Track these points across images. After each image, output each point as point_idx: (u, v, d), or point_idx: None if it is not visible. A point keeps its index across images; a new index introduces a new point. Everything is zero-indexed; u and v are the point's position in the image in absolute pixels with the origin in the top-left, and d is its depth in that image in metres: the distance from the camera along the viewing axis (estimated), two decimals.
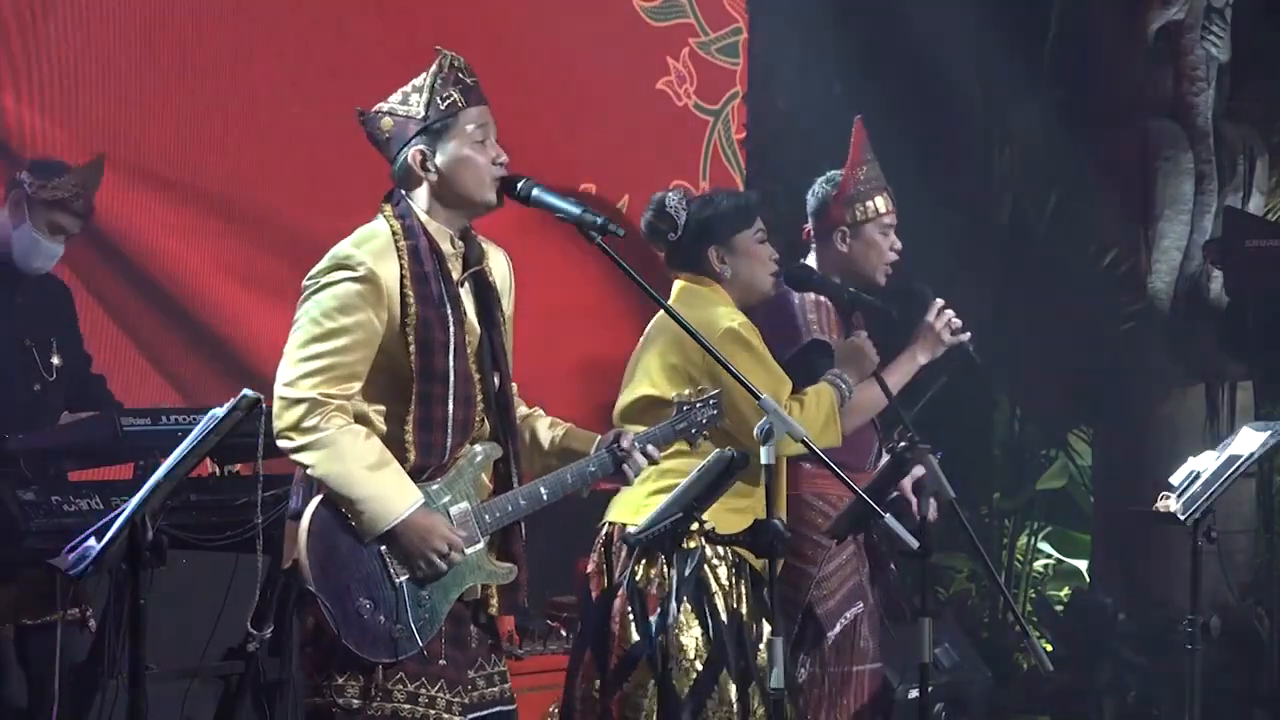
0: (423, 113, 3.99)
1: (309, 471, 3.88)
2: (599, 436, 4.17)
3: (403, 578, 3.88)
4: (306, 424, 3.84)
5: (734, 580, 4.72)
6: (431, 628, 3.91)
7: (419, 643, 3.88)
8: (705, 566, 4.66)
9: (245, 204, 6.52)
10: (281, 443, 3.89)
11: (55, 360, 5.49)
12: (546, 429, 4.21)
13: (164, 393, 6.20)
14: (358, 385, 3.90)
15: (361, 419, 3.92)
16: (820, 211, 5.37)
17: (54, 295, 5.61)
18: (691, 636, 4.67)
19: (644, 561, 4.67)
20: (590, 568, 4.81)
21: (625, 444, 4.11)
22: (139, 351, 6.26)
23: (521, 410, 4.23)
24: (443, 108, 3.98)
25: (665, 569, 4.57)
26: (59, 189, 5.34)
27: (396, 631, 3.85)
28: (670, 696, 4.57)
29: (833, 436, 4.91)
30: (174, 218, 6.33)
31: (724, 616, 4.67)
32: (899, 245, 5.36)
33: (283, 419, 3.87)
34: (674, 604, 4.46)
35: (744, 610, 4.72)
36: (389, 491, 3.86)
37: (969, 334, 5.24)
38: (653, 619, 4.57)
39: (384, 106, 4.05)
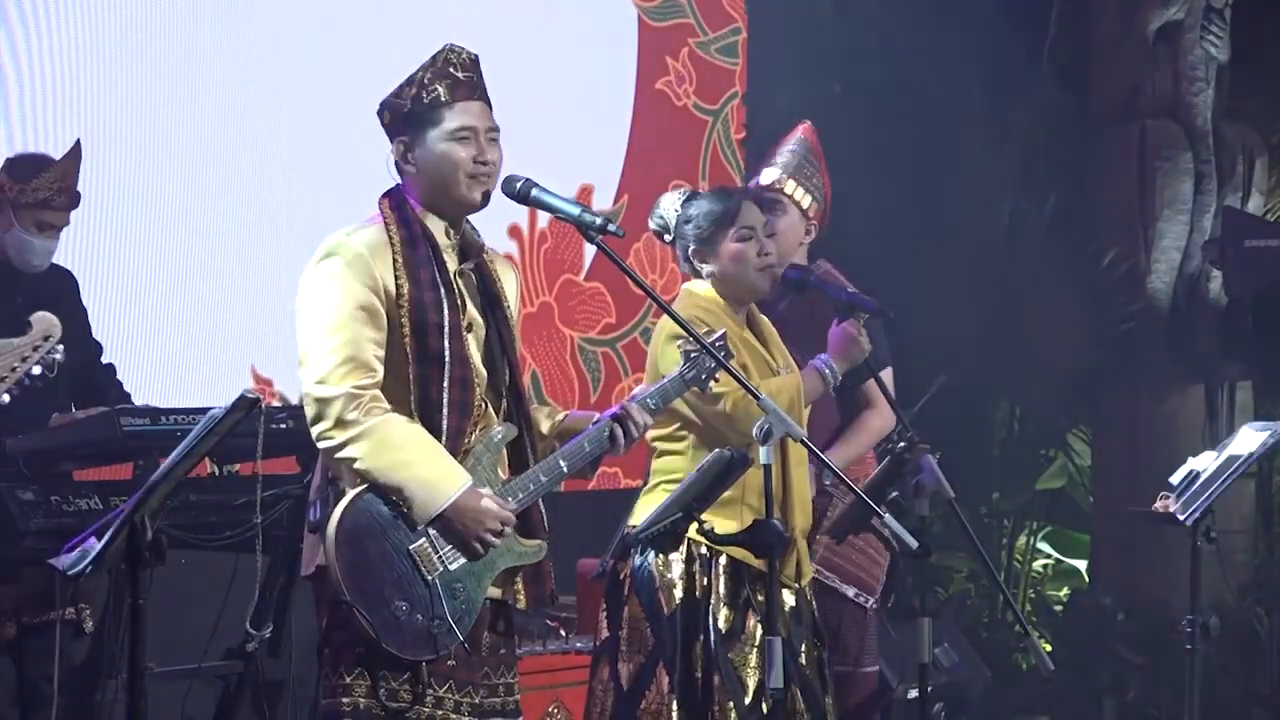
0: (407, 105, 3.98)
1: (355, 466, 3.82)
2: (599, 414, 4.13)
3: (434, 574, 3.85)
4: (346, 418, 3.81)
5: (696, 575, 4.62)
6: (470, 618, 3.88)
7: (459, 635, 3.85)
8: (656, 558, 4.63)
9: (244, 201, 6.54)
10: (323, 443, 3.85)
11: (57, 357, 5.46)
12: (545, 417, 4.18)
13: (160, 387, 6.19)
14: (381, 370, 3.87)
15: None
16: None
17: (57, 289, 5.52)
18: (641, 630, 4.66)
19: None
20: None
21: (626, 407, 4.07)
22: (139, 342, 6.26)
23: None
24: (425, 101, 3.96)
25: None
26: (39, 189, 5.30)
27: (435, 628, 3.83)
28: (619, 692, 4.60)
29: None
30: (172, 210, 6.35)
31: (667, 608, 4.61)
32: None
33: (323, 418, 3.83)
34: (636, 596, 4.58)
35: (712, 602, 4.64)
36: (437, 475, 3.83)
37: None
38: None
39: (386, 96, 4.04)
